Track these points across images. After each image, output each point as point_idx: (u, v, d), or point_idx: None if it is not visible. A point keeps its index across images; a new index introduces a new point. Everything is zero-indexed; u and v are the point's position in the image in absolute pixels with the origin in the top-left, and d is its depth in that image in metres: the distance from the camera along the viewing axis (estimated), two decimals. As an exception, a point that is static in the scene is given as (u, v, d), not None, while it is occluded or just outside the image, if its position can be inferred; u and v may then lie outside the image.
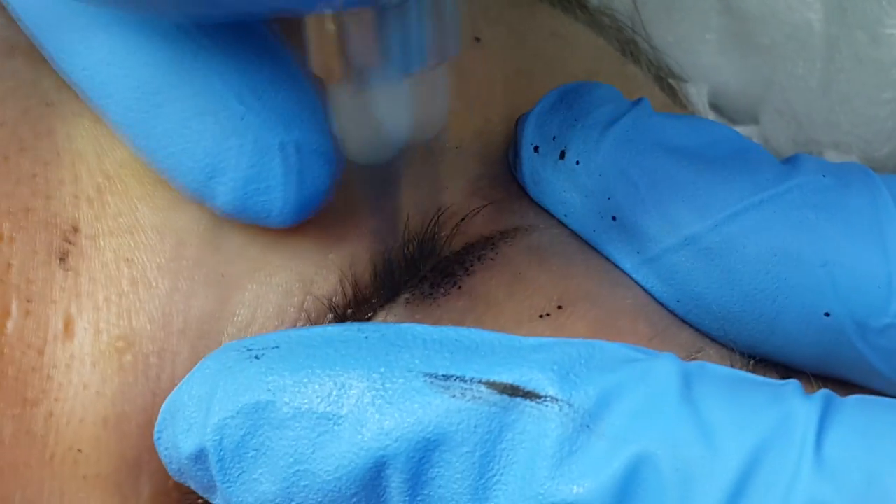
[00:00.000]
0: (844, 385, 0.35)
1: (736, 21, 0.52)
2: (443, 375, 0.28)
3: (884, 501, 0.25)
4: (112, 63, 0.31)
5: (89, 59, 0.32)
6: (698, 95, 0.52)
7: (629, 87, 0.41)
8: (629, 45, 0.48)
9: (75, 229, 0.33)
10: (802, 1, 0.51)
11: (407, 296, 0.34)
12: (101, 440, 0.32)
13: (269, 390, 0.29)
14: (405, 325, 0.30)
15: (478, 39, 0.39)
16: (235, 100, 0.31)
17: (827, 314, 0.33)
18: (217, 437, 0.29)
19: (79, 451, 0.32)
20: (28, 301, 0.32)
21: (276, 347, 0.30)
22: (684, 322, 0.35)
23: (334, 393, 0.28)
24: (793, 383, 0.28)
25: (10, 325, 0.32)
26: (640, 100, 0.36)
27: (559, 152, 0.35)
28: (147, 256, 0.33)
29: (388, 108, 0.30)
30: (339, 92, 0.30)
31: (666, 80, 0.50)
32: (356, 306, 0.33)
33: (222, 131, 0.31)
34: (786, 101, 0.52)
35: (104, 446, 0.32)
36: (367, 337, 0.29)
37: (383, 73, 0.29)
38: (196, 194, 0.32)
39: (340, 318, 0.33)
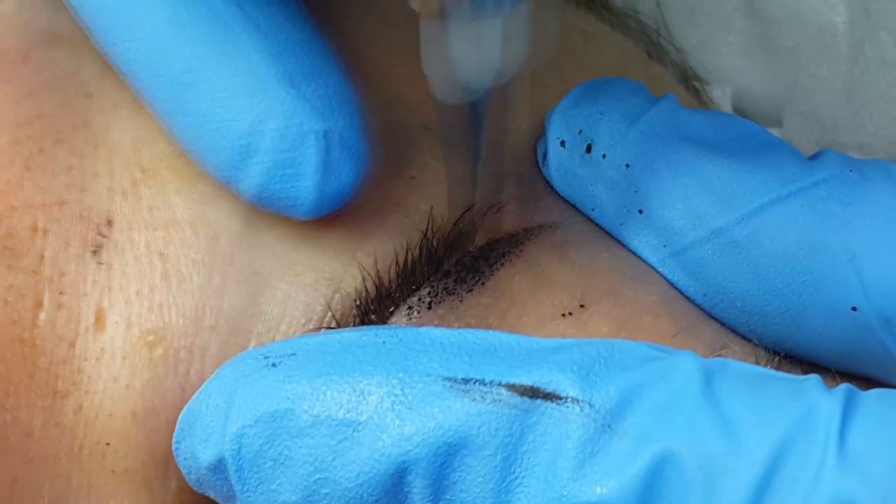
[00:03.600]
0: (870, 383, 0.34)
1: (759, 23, 0.51)
2: (462, 379, 0.28)
3: None
4: (156, 36, 0.31)
5: (134, 33, 0.31)
6: (722, 97, 0.52)
7: (655, 88, 0.40)
8: (654, 47, 0.47)
9: (109, 222, 0.33)
10: (826, 3, 0.50)
11: (430, 290, 0.34)
12: (129, 434, 0.32)
13: (287, 398, 0.28)
14: (423, 329, 0.30)
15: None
16: (277, 83, 0.31)
17: (854, 309, 0.33)
18: (236, 447, 0.29)
19: (107, 444, 0.32)
20: (60, 293, 0.32)
21: (294, 355, 0.29)
22: (710, 317, 0.35)
23: (353, 399, 0.28)
24: (814, 378, 0.28)
25: (42, 316, 0.32)
26: (666, 95, 0.36)
27: (585, 146, 0.35)
28: (181, 251, 0.33)
29: (483, 42, 0.30)
30: (432, 27, 0.30)
31: (690, 82, 0.50)
32: (379, 301, 0.33)
33: (260, 114, 0.31)
34: (809, 103, 0.52)
35: (133, 440, 0.32)
36: (384, 342, 0.29)
37: (479, 7, 0.28)
38: (225, 176, 0.32)
39: (364, 313, 0.33)
